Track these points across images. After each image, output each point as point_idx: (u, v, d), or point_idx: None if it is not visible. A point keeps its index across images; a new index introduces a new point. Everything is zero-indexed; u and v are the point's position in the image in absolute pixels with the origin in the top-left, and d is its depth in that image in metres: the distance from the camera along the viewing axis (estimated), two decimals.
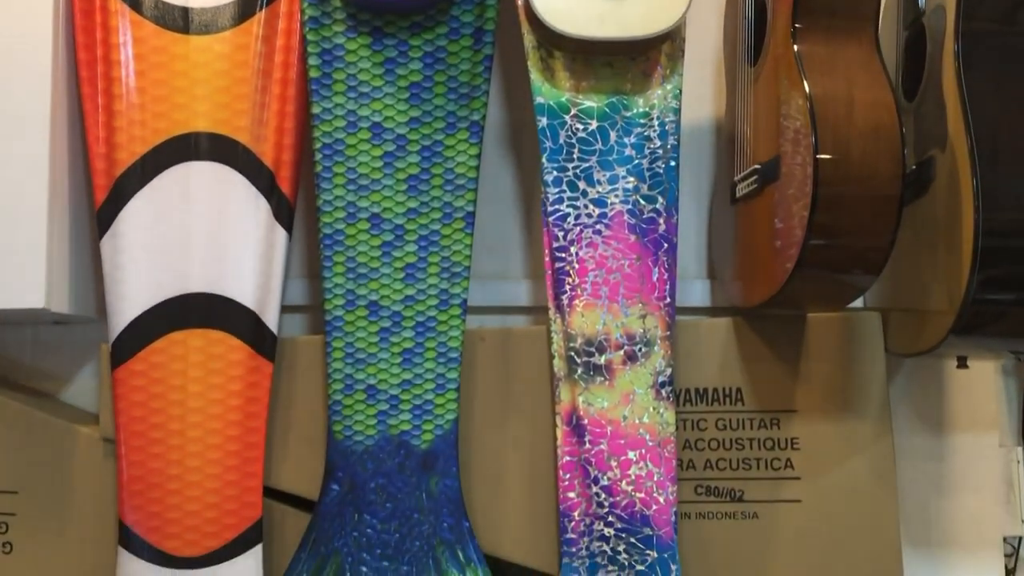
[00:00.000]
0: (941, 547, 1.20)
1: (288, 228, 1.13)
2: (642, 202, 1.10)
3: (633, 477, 1.08)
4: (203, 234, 1.11)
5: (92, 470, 1.12)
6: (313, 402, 1.12)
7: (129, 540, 1.07)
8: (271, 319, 1.11)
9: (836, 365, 1.12)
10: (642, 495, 1.08)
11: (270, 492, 1.12)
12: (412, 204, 1.10)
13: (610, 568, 1.07)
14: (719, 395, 1.12)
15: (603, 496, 1.07)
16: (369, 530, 1.07)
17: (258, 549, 1.08)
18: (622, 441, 1.08)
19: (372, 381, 1.10)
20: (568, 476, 1.09)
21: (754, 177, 1.05)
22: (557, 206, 1.09)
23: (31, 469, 1.12)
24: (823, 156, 0.93)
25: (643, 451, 1.08)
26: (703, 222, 1.23)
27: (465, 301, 1.11)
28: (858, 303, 1.20)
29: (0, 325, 1.25)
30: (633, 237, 1.12)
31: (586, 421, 1.09)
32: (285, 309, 1.17)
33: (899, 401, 1.20)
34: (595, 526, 1.07)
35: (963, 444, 1.21)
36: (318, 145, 1.09)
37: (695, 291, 1.23)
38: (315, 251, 1.14)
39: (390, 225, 1.11)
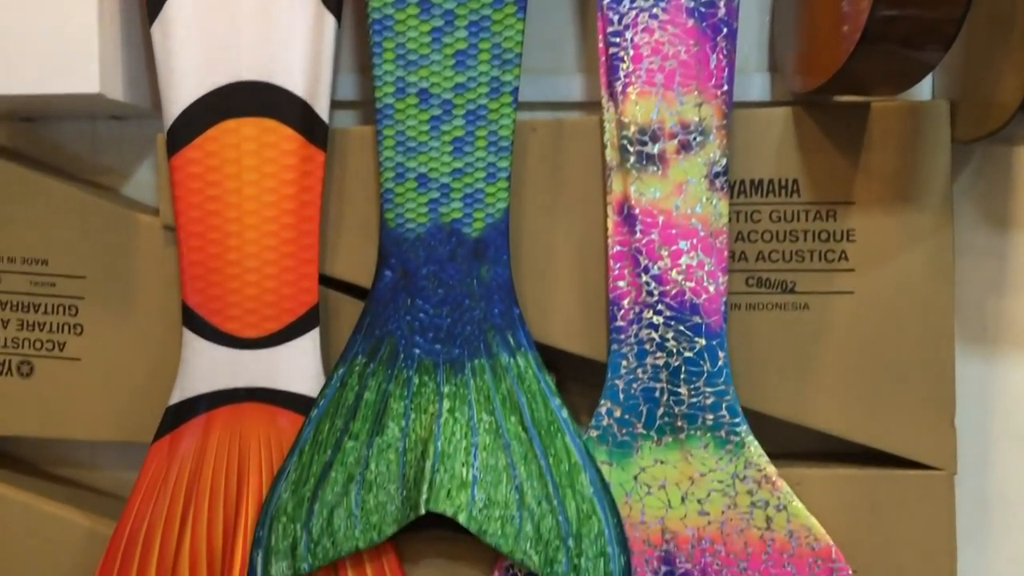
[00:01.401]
0: (996, 345, 1.19)
1: (336, 14, 1.11)
2: None
3: (684, 267, 1.08)
4: (251, 20, 1.09)
5: (154, 257, 1.15)
6: (365, 192, 1.13)
7: (193, 321, 1.11)
8: (322, 108, 1.11)
9: (898, 155, 1.08)
10: (692, 284, 1.08)
11: (325, 280, 1.15)
12: None
13: (658, 355, 1.08)
14: (775, 186, 1.10)
15: (653, 285, 1.08)
16: (421, 315, 1.09)
17: (315, 332, 1.12)
18: (673, 231, 1.08)
19: (423, 170, 1.10)
20: (618, 265, 1.09)
21: None
22: None
23: (96, 255, 1.16)
24: None
25: (694, 241, 1.08)
26: (766, 8, 1.18)
27: (516, 89, 1.09)
28: (925, 94, 1.16)
29: (58, 120, 1.27)
30: (691, 22, 1.07)
31: (637, 211, 1.08)
32: (337, 104, 1.17)
33: (963, 195, 1.17)
34: (644, 314, 1.09)
35: None
36: None
37: (755, 84, 1.19)
38: (365, 42, 1.12)
39: (439, 11, 1.08)
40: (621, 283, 1.09)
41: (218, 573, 1.11)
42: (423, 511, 1.07)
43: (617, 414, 1.10)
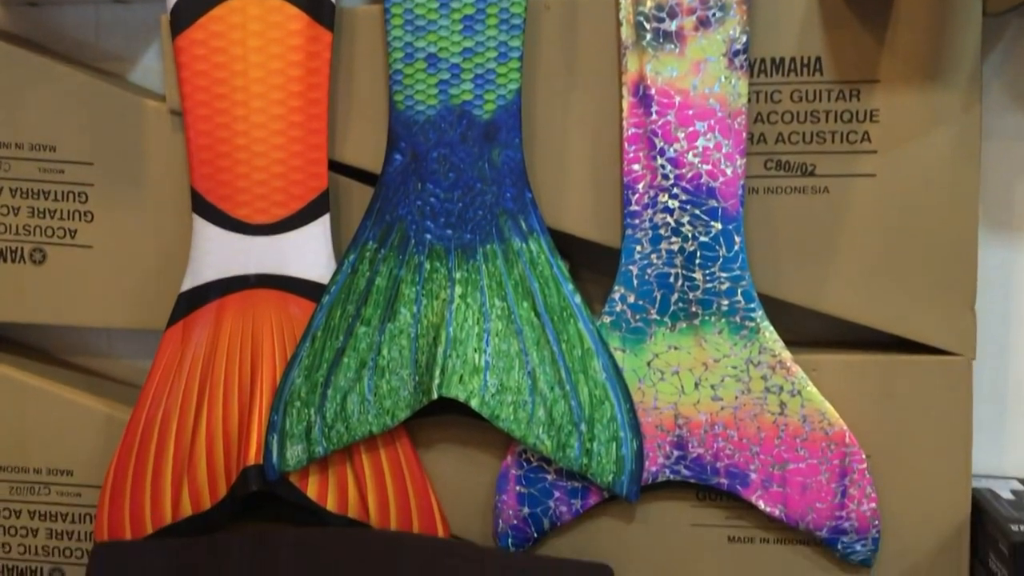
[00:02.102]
0: (1021, 231, 1.16)
1: None
2: None
3: (700, 149, 1.05)
4: None
5: (162, 142, 1.14)
6: (374, 74, 1.10)
7: (202, 207, 1.10)
8: None
9: (926, 31, 1.04)
10: (709, 167, 1.05)
11: (334, 166, 1.13)
12: None
13: (673, 239, 1.06)
14: (796, 65, 1.06)
15: (668, 168, 1.05)
16: (432, 199, 1.08)
17: (325, 218, 1.11)
18: (690, 112, 1.05)
19: (432, 49, 1.06)
20: (633, 148, 1.07)
21: None
22: None
23: (103, 142, 1.14)
24: None
25: (712, 122, 1.05)
26: None
27: None
28: None
29: (61, 5, 1.24)
30: None
31: (653, 91, 1.05)
32: None
33: (992, 74, 1.13)
34: (659, 198, 1.06)
35: None
36: None
37: None
38: None
39: None
40: (636, 166, 1.07)
41: (234, 457, 1.13)
42: (436, 396, 1.08)
43: (631, 300, 1.09)
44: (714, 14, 1.03)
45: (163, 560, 1.09)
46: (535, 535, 1.11)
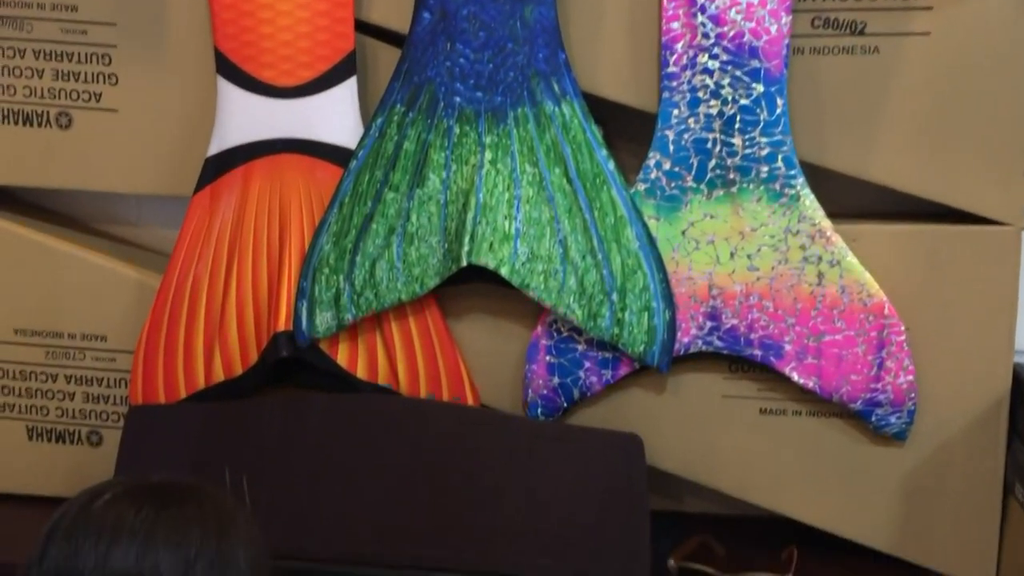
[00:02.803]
0: None
1: None
2: None
3: (743, 5, 0.99)
4: None
5: (185, 1, 1.10)
6: None
7: (227, 68, 1.07)
8: None
9: None
10: (752, 25, 1.00)
11: (361, 27, 1.09)
12: None
13: (712, 103, 1.02)
14: None
15: (709, 26, 1.00)
16: (462, 60, 1.04)
17: (352, 81, 1.07)
18: None
19: None
20: (672, 5, 1.01)
21: None
22: None
23: (126, 1, 1.11)
24: None
25: None
26: None
27: None
28: None
29: None
30: None
31: None
32: None
33: None
34: (699, 59, 1.01)
35: None
36: None
37: None
38: None
39: None
40: (675, 24, 1.01)
41: (264, 323, 1.12)
42: (465, 263, 1.06)
43: (666, 167, 1.05)
44: None
45: (196, 423, 1.10)
46: (565, 405, 1.11)
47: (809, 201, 1.02)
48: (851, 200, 1.09)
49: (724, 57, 1.00)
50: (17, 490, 1.20)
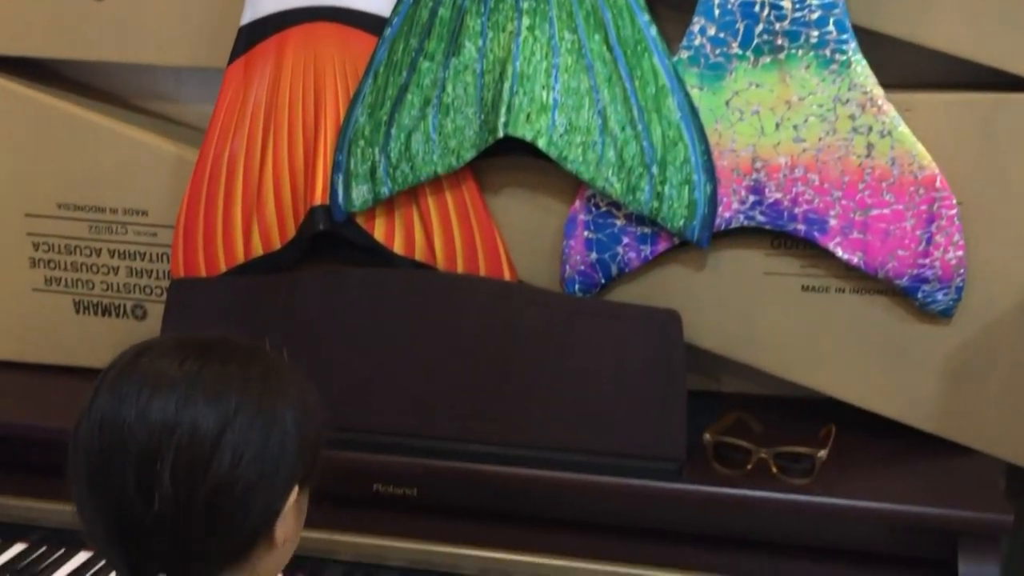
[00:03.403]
0: None
1: None
2: None
3: None
4: None
5: None
6: None
7: None
8: None
9: None
10: None
11: None
12: None
13: None
14: None
15: None
16: None
17: None
18: None
19: None
20: None
21: None
22: None
23: None
24: None
25: None
26: None
27: None
28: None
29: None
30: None
31: None
32: None
33: None
34: None
35: None
36: None
37: None
38: None
39: None
40: None
41: (301, 197, 1.12)
42: (501, 135, 1.04)
43: (711, 32, 1.01)
44: None
45: (236, 296, 1.11)
46: (602, 281, 1.10)
47: (861, 68, 0.98)
48: (905, 68, 1.04)
49: None
50: (66, 362, 1.24)
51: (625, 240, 1.07)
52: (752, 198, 1.03)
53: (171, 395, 0.61)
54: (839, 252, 1.02)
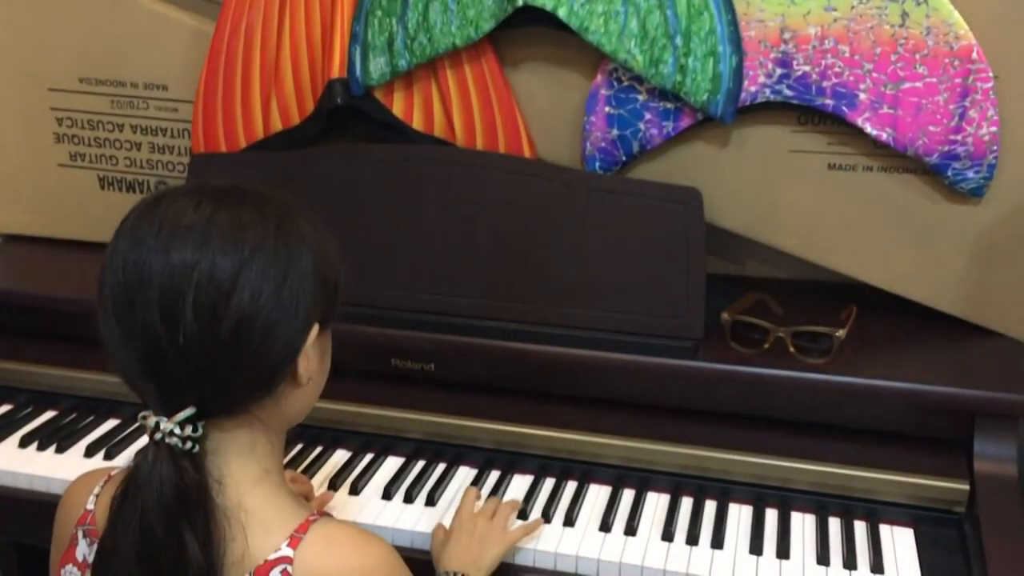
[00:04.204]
0: None
1: None
2: None
3: None
4: None
5: None
6: None
7: None
8: None
9: None
10: None
11: None
12: None
13: None
14: None
15: None
16: None
17: None
18: None
19: None
20: None
21: None
22: None
23: None
24: None
25: None
26: None
27: None
28: None
29: None
30: None
31: None
32: None
33: None
34: None
35: None
36: None
37: None
38: None
39: None
40: None
41: (319, 70, 1.10)
42: (520, 4, 1.00)
43: None
44: None
45: (257, 171, 1.11)
46: (623, 158, 1.08)
47: None
48: None
49: None
50: (91, 237, 1.26)
51: (647, 116, 1.05)
52: (779, 71, 1.00)
53: (188, 237, 0.62)
54: (868, 128, 0.99)
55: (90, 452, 1.04)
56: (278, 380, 0.66)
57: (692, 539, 0.91)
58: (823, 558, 0.88)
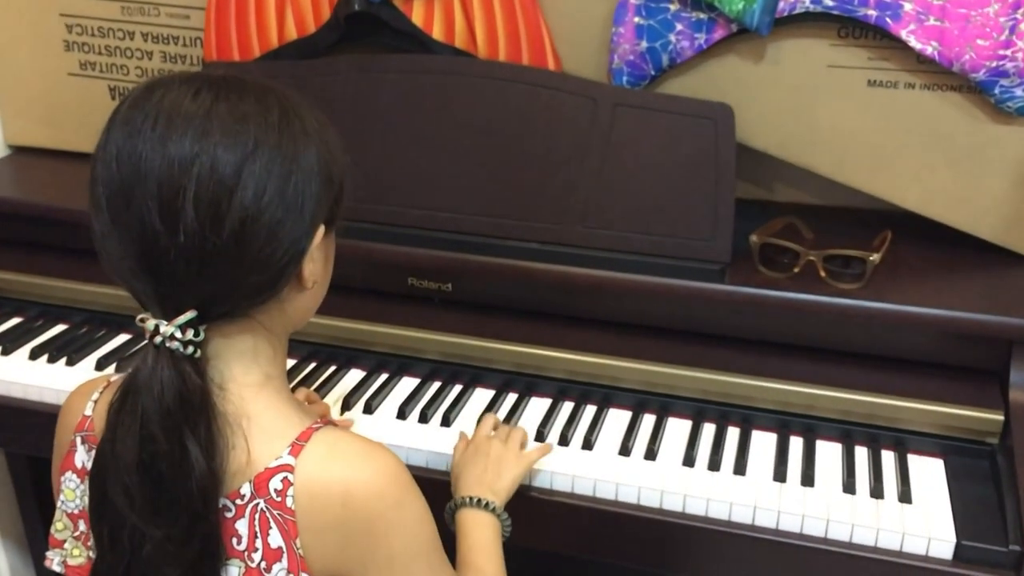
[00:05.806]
0: None
1: None
2: None
3: None
4: None
5: None
6: None
7: None
8: None
9: None
10: None
11: None
12: None
13: None
14: None
15: None
16: None
17: None
18: None
19: None
20: None
21: None
22: None
23: None
24: None
25: None
26: None
27: None
28: None
29: None
30: None
31: None
32: None
33: None
34: None
35: None
36: None
37: None
38: None
39: None
40: None
41: None
42: None
43: None
44: None
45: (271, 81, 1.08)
46: (653, 73, 1.03)
47: None
48: None
49: None
50: None
51: (678, 27, 1.00)
52: None
53: (187, 128, 0.58)
54: (912, 41, 0.93)
55: (100, 365, 1.02)
56: (283, 283, 0.63)
57: (714, 465, 0.89)
58: (849, 486, 0.86)
